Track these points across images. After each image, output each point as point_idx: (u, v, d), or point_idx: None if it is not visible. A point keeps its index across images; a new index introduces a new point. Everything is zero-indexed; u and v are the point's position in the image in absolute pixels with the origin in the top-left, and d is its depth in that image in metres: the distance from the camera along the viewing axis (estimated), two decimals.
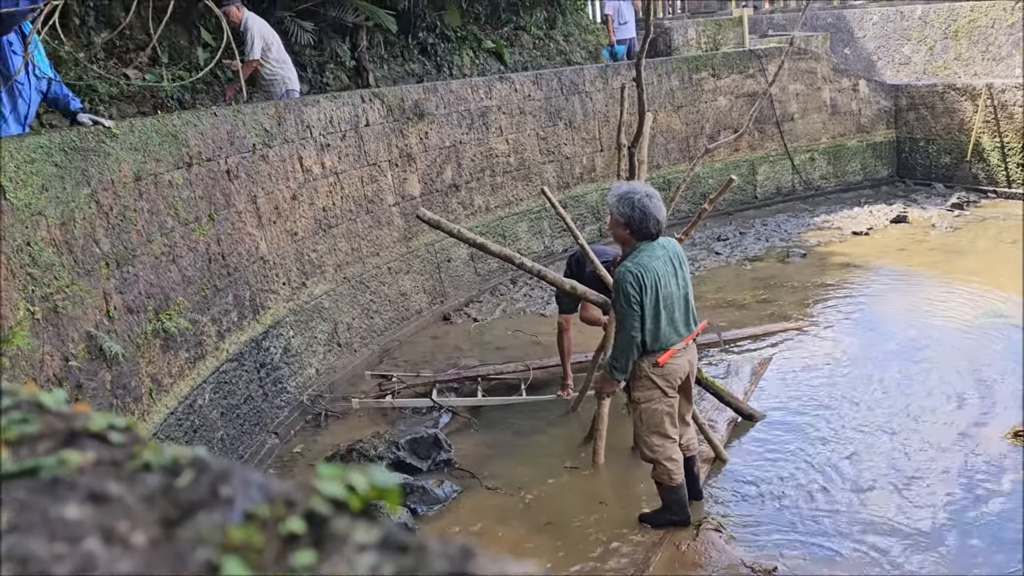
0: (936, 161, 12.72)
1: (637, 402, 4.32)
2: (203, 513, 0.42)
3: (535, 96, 9.80)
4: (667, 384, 4.24)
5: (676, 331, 4.21)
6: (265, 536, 0.41)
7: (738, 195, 11.93)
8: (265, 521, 0.42)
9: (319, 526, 0.42)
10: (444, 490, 5.02)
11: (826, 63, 13.06)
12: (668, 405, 4.29)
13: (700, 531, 4.40)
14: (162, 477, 0.46)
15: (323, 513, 0.43)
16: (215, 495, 0.44)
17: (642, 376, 4.24)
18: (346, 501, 0.44)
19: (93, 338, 4.34)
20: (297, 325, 6.61)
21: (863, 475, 4.89)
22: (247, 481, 0.45)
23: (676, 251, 4.29)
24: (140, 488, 0.45)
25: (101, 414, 0.52)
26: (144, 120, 5.45)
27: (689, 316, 4.29)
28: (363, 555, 0.40)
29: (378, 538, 0.41)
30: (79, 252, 4.39)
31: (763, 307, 8.00)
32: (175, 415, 4.99)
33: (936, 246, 9.72)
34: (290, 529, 0.41)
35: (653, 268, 4.08)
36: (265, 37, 7.34)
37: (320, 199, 7.11)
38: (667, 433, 4.32)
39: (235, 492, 0.44)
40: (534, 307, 8.48)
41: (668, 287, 4.12)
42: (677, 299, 4.18)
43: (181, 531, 0.41)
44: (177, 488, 0.45)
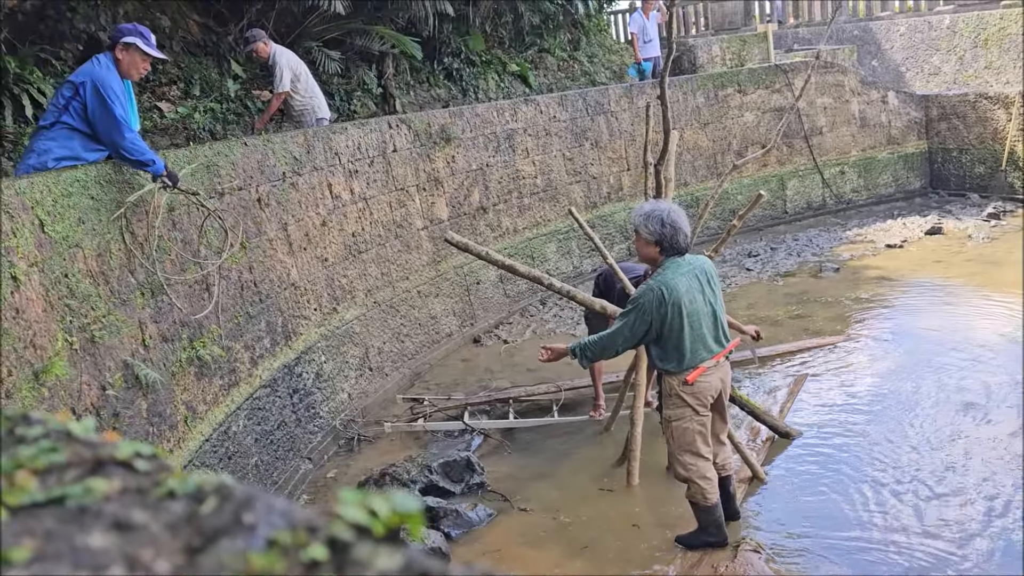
0: (970, 171, 12.53)
1: (668, 420, 4.27)
2: (226, 540, 0.42)
3: (560, 117, 9.83)
4: (698, 402, 4.17)
5: (705, 347, 4.13)
6: (287, 563, 0.41)
7: (768, 210, 11.84)
8: (287, 548, 0.42)
9: (341, 552, 0.42)
10: (477, 513, 5.00)
11: (853, 76, 12.97)
12: (700, 424, 4.21)
13: (738, 552, 4.33)
14: (186, 504, 0.46)
15: (345, 539, 0.43)
16: (238, 522, 0.44)
17: (672, 394, 4.19)
18: (369, 527, 0.44)
19: (129, 367, 4.41)
20: (329, 350, 6.65)
21: (902, 493, 4.78)
22: (270, 507, 0.45)
23: (704, 267, 4.22)
24: (164, 515, 0.45)
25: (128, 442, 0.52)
26: (177, 151, 5.55)
27: (719, 332, 4.21)
28: None
29: (400, 564, 0.41)
30: (115, 282, 4.46)
31: (797, 323, 7.90)
32: (210, 442, 5.04)
33: (973, 257, 9.55)
34: (312, 556, 0.41)
35: (677, 285, 4.01)
36: (293, 68, 7.46)
37: (350, 225, 7.18)
38: (699, 452, 4.25)
39: (258, 519, 0.44)
40: (564, 327, 8.45)
41: (695, 303, 4.06)
42: (704, 315, 4.12)
43: (203, 558, 0.41)
44: (201, 515, 0.45)
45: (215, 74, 8.27)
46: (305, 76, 7.54)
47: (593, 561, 4.45)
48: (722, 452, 4.53)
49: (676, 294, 4.00)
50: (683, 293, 4.02)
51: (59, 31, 6.79)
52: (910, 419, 5.66)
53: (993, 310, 7.61)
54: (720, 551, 4.36)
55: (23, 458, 0.50)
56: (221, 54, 8.36)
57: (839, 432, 5.61)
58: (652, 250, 4.13)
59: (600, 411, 6.14)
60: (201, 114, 7.83)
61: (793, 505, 4.80)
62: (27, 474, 0.48)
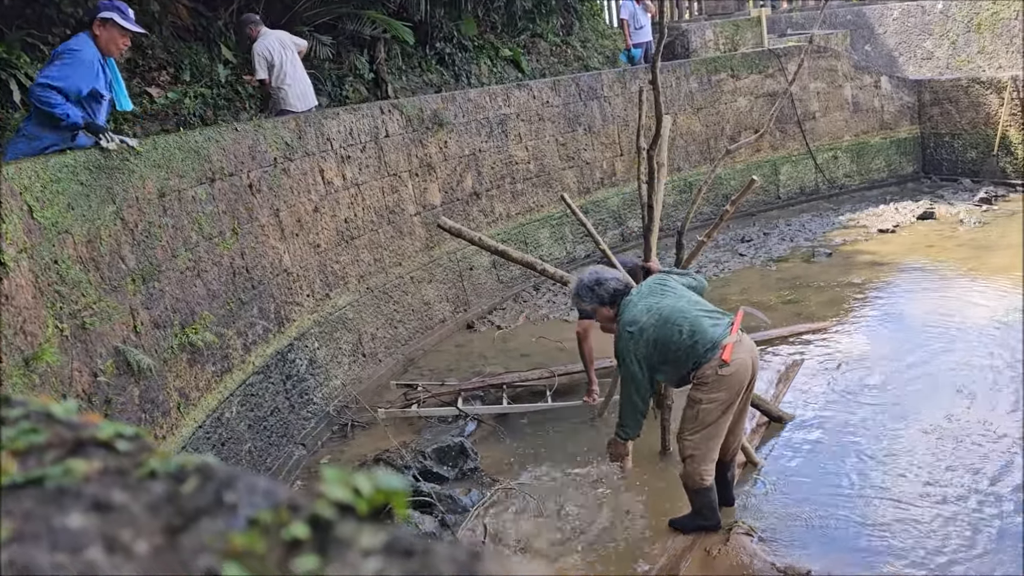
0: (962, 156, 12.55)
1: (697, 401, 4.12)
2: (207, 520, 0.42)
3: (553, 102, 9.80)
4: (732, 389, 4.05)
5: (710, 324, 4.06)
6: (268, 542, 0.40)
7: (761, 196, 11.84)
8: (268, 527, 0.41)
9: (324, 531, 0.42)
10: (471, 499, 5.01)
11: (847, 60, 12.94)
12: (726, 413, 4.13)
13: (731, 535, 4.35)
14: (168, 484, 0.45)
15: (328, 518, 0.42)
16: (219, 501, 0.43)
17: (709, 381, 4.04)
18: (353, 505, 0.43)
19: (121, 353, 4.39)
20: (322, 336, 6.64)
21: (896, 477, 4.81)
22: (252, 487, 0.45)
23: (651, 283, 4.28)
24: (145, 496, 0.44)
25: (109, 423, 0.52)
26: (167, 137, 5.51)
27: (712, 310, 4.18)
28: (368, 560, 0.39)
29: (383, 542, 0.40)
30: (105, 268, 4.44)
31: (789, 308, 7.92)
32: (203, 428, 5.03)
33: (965, 242, 9.58)
34: (293, 534, 0.41)
35: (636, 316, 4.07)
36: (269, 58, 7.32)
37: (342, 211, 7.15)
38: (713, 438, 4.21)
39: (239, 498, 0.43)
40: (558, 313, 8.45)
41: (669, 306, 4.08)
42: (682, 304, 4.10)
43: (184, 538, 0.41)
44: (182, 495, 0.44)
45: (205, 59, 8.21)
46: (281, 65, 7.38)
47: (586, 544, 4.47)
48: (735, 442, 4.51)
49: (642, 320, 4.05)
50: (651, 311, 4.06)
51: (46, 15, 6.73)
52: (902, 403, 5.69)
53: (984, 294, 7.64)
54: (713, 534, 4.38)
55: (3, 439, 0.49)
56: (211, 39, 8.30)
57: (832, 417, 5.63)
58: (605, 312, 4.27)
59: (594, 396, 6.15)
60: (191, 99, 7.78)
61: (786, 489, 4.83)
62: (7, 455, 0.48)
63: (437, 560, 0.39)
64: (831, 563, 4.10)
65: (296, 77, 7.51)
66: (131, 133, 6.95)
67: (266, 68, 7.31)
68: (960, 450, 4.99)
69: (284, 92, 7.41)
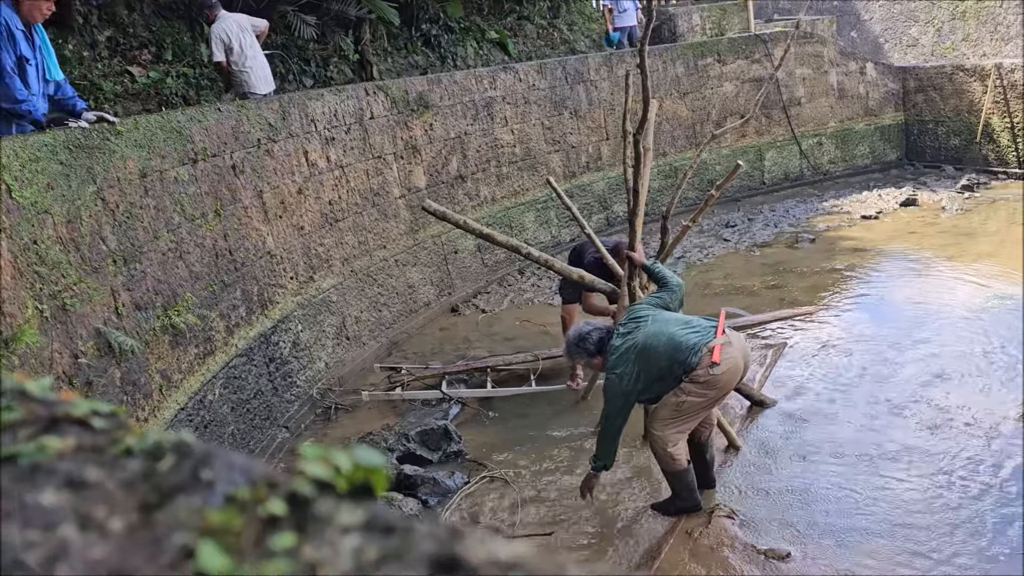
0: (945, 143, 12.62)
1: (684, 393, 4.17)
2: (183, 497, 0.41)
3: (540, 86, 9.76)
4: (720, 392, 4.17)
5: (692, 333, 4.15)
6: (244, 519, 0.40)
7: (746, 181, 11.87)
8: (245, 504, 0.41)
9: (302, 508, 0.41)
10: (455, 481, 5.02)
11: (832, 46, 12.96)
12: (708, 407, 4.26)
13: (712, 518, 4.39)
14: (144, 462, 0.45)
15: (306, 495, 0.42)
16: (196, 478, 0.43)
17: (700, 381, 4.11)
18: (332, 482, 0.43)
19: (102, 335, 4.35)
20: (305, 319, 6.61)
21: (876, 460, 4.86)
22: (230, 464, 0.44)
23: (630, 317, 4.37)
24: (120, 473, 0.44)
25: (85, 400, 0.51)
26: (149, 117, 5.45)
27: (692, 319, 4.29)
28: (347, 537, 0.39)
29: (363, 519, 0.40)
30: (86, 249, 4.39)
31: (773, 293, 7.96)
32: (185, 411, 5.01)
33: (947, 229, 9.65)
34: (270, 511, 0.40)
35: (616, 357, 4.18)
36: (226, 41, 7.19)
37: (326, 193, 7.11)
38: (685, 427, 4.29)
39: (216, 475, 0.43)
40: (542, 297, 8.46)
41: (638, 335, 4.17)
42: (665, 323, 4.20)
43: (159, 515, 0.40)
44: (158, 472, 0.43)
45: (187, 38, 8.11)
46: (241, 48, 7.27)
47: (568, 528, 4.50)
48: (709, 428, 4.60)
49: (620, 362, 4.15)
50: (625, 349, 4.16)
51: None
52: (883, 388, 5.74)
53: (965, 281, 7.71)
54: (695, 517, 4.41)
55: None
56: (193, 18, 8.19)
57: (813, 401, 5.68)
58: (597, 362, 4.49)
59: (577, 381, 6.17)
60: (174, 79, 7.69)
61: (767, 472, 4.87)
62: None
63: (417, 538, 0.39)
64: (811, 545, 4.14)
65: (257, 60, 7.38)
66: (112, 112, 6.87)
67: (223, 51, 7.18)
68: (939, 434, 5.05)
69: (247, 75, 7.28)
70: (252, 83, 7.27)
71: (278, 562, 0.36)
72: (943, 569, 3.87)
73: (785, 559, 4.04)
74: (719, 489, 4.71)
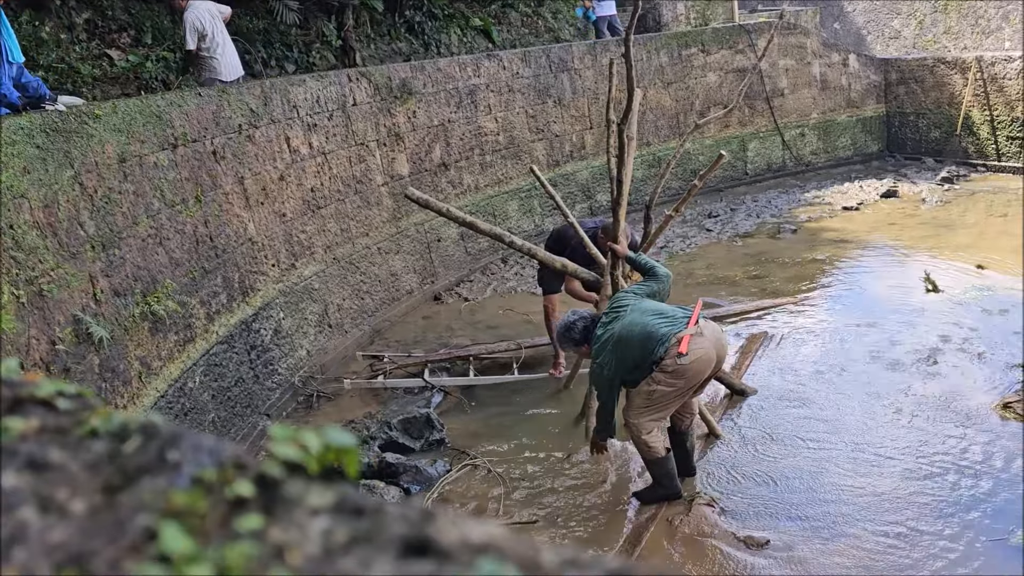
0: (926, 135, 12.71)
1: (655, 382, 4.21)
2: (147, 478, 0.40)
3: (524, 74, 9.72)
4: (689, 382, 4.19)
5: (664, 323, 4.19)
6: (210, 501, 0.39)
7: (728, 171, 11.90)
8: (212, 485, 0.40)
9: (270, 490, 0.40)
10: (436, 469, 5.02)
11: (816, 38, 13.00)
12: (679, 397, 4.28)
13: (693, 506, 4.41)
14: (109, 443, 0.44)
15: (275, 476, 0.41)
16: (162, 460, 0.42)
17: (669, 370, 4.14)
18: (303, 464, 0.42)
19: (80, 321, 4.30)
20: (287, 307, 6.57)
21: (854, 449, 4.90)
22: (197, 445, 0.43)
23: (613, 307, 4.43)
24: (85, 455, 0.43)
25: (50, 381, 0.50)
26: (128, 101, 5.38)
27: (666, 309, 4.32)
28: (316, 519, 0.38)
29: (333, 501, 0.39)
30: (63, 235, 4.34)
31: (754, 283, 8.00)
32: (165, 398, 4.97)
33: (926, 220, 9.73)
34: (237, 493, 0.39)
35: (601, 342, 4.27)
36: (199, 28, 7.11)
37: (308, 180, 7.05)
38: (659, 415, 4.32)
39: (183, 456, 0.42)
40: (525, 286, 8.45)
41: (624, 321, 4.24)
42: (641, 314, 4.25)
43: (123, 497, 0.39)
44: (123, 454, 0.42)
45: (167, 22, 8.01)
46: (212, 35, 7.20)
47: (550, 515, 4.51)
48: (689, 414, 4.62)
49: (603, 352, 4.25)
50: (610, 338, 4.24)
51: None
52: (863, 378, 5.79)
53: (944, 272, 7.78)
54: (675, 505, 4.44)
55: None
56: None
57: (794, 390, 5.72)
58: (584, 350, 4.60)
59: (560, 369, 6.18)
60: (153, 63, 7.60)
61: (747, 461, 4.90)
62: None
63: (388, 520, 0.38)
64: (790, 533, 4.18)
65: (227, 47, 7.30)
66: (90, 97, 6.77)
67: (196, 38, 7.09)
68: (917, 422, 5.11)
69: (216, 61, 7.20)
70: (220, 70, 7.19)
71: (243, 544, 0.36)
72: (917, 553, 3.92)
73: (764, 546, 4.08)
74: (699, 477, 4.74)
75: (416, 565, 0.35)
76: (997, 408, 5.17)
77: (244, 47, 8.61)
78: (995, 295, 7.02)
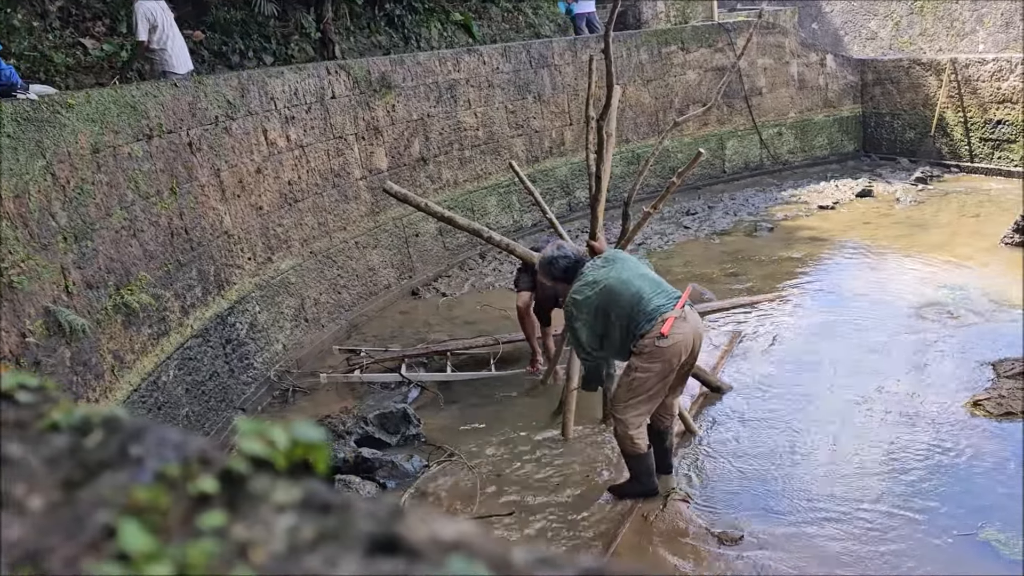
0: (901, 136, 12.84)
1: (633, 369, 4.20)
2: (108, 474, 0.39)
3: (504, 69, 9.70)
4: (667, 361, 4.13)
5: (655, 296, 4.13)
6: (173, 497, 0.38)
7: (707, 169, 11.96)
8: (175, 481, 0.39)
9: (236, 486, 0.39)
10: (413, 464, 5.01)
11: (794, 37, 13.09)
12: (660, 384, 4.21)
13: (668, 502, 4.44)
14: (70, 437, 0.42)
15: (241, 472, 0.40)
16: (124, 454, 0.41)
17: (647, 351, 4.11)
18: (270, 459, 0.41)
19: (51, 314, 4.24)
20: (263, 300, 6.52)
21: (829, 445, 4.95)
22: (162, 440, 0.42)
23: (607, 257, 4.38)
24: (45, 449, 0.41)
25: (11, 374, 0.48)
26: (102, 91, 5.30)
27: (660, 284, 4.24)
28: (282, 516, 0.37)
29: (299, 498, 0.38)
30: (35, 226, 4.27)
31: (731, 281, 8.05)
32: (139, 392, 4.91)
33: (900, 220, 9.84)
34: (201, 489, 0.38)
35: (581, 286, 4.22)
36: (151, 19, 7.02)
37: (286, 173, 7.00)
38: (644, 404, 4.28)
39: (147, 451, 0.41)
40: (503, 281, 8.45)
41: (618, 276, 4.17)
42: (630, 275, 4.18)
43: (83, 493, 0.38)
44: (85, 448, 0.41)
45: None
46: (163, 27, 7.13)
47: (527, 511, 4.51)
48: (671, 412, 4.61)
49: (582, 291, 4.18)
50: (591, 282, 4.17)
51: None
52: (836, 374, 5.85)
53: (917, 271, 7.88)
54: (651, 501, 4.46)
55: None
56: None
57: (770, 387, 5.76)
58: (563, 287, 4.40)
59: (537, 366, 6.18)
60: (128, 52, 7.49)
61: (722, 457, 4.93)
62: None
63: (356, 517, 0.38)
64: (765, 528, 4.21)
65: (177, 41, 7.22)
66: (63, 86, 6.68)
67: (148, 30, 7.00)
68: (889, 419, 5.16)
69: (168, 54, 7.12)
70: (172, 63, 7.12)
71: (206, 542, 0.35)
72: (888, 547, 3.97)
73: (738, 542, 4.11)
74: (675, 474, 4.76)
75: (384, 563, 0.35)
76: (968, 406, 5.25)
77: (221, 38, 8.53)
78: (967, 294, 7.11)
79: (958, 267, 7.86)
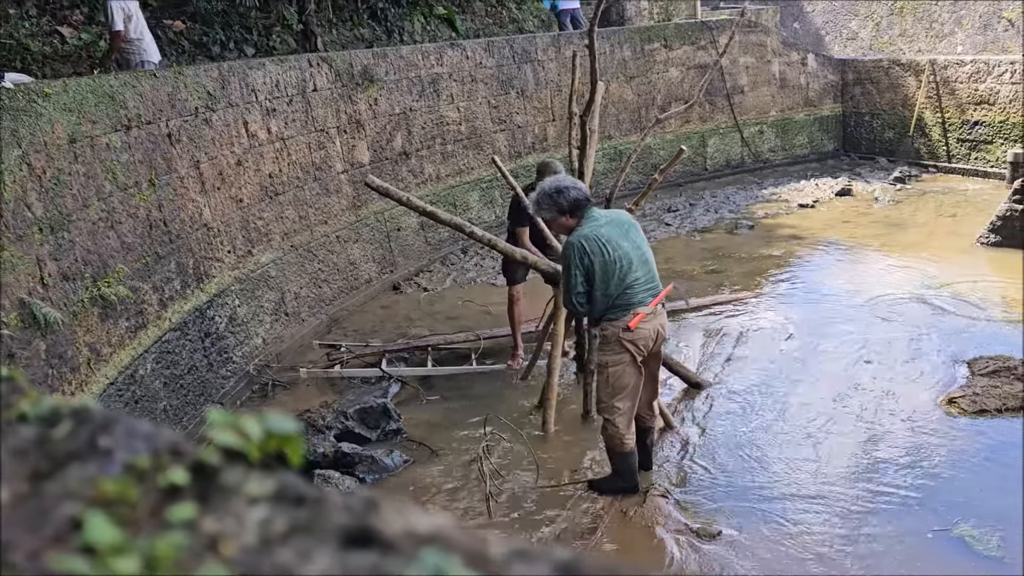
0: (880, 135, 12.95)
1: (605, 365, 4.26)
2: (76, 465, 0.38)
3: (487, 64, 9.68)
4: (636, 350, 4.19)
5: (641, 291, 4.16)
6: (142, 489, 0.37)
7: (688, 167, 12.00)
8: (144, 473, 0.38)
9: (207, 478, 0.39)
10: (393, 460, 4.99)
11: (776, 36, 13.16)
12: (637, 372, 4.27)
13: (647, 497, 4.45)
14: (38, 428, 0.42)
15: (212, 464, 0.39)
16: (93, 446, 0.40)
17: (613, 341, 4.18)
18: (243, 451, 0.40)
19: (26, 305, 4.18)
20: (243, 294, 6.47)
21: (806, 442, 4.99)
22: (132, 431, 0.41)
23: (621, 218, 4.32)
24: (12, 440, 0.40)
25: None
26: (79, 80, 5.23)
27: (651, 277, 4.25)
28: (254, 508, 0.37)
29: (272, 490, 0.38)
30: (9, 216, 4.21)
31: (712, 278, 8.09)
32: (115, 385, 4.86)
33: (879, 219, 9.93)
34: (171, 481, 0.38)
35: (596, 235, 4.11)
36: (125, 9, 6.97)
37: (266, 165, 6.94)
38: (629, 399, 4.31)
39: (116, 443, 0.40)
40: (485, 277, 8.44)
41: (618, 249, 4.11)
42: (634, 258, 4.15)
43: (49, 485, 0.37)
44: (53, 439, 0.41)
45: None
46: (136, 19, 7.09)
47: (507, 506, 4.52)
48: (650, 409, 4.64)
49: (596, 244, 4.08)
50: (604, 241, 4.09)
51: None
52: (813, 371, 5.89)
53: (894, 269, 7.95)
54: (630, 496, 4.47)
55: None
56: None
57: (748, 383, 5.80)
58: (564, 221, 4.24)
59: (518, 360, 6.18)
60: (107, 42, 7.40)
61: (701, 453, 4.96)
62: None
63: (330, 509, 0.37)
64: (742, 524, 4.24)
65: (145, 32, 7.17)
66: (39, 75, 6.59)
67: (123, 20, 6.93)
68: (865, 416, 5.21)
69: (142, 44, 7.06)
70: (149, 53, 7.08)
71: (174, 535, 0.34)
72: (864, 543, 4.01)
73: (716, 537, 4.13)
74: (654, 469, 4.78)
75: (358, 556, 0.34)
76: (943, 403, 5.30)
77: (202, 29, 8.45)
78: (942, 292, 7.19)
79: (934, 266, 7.95)
